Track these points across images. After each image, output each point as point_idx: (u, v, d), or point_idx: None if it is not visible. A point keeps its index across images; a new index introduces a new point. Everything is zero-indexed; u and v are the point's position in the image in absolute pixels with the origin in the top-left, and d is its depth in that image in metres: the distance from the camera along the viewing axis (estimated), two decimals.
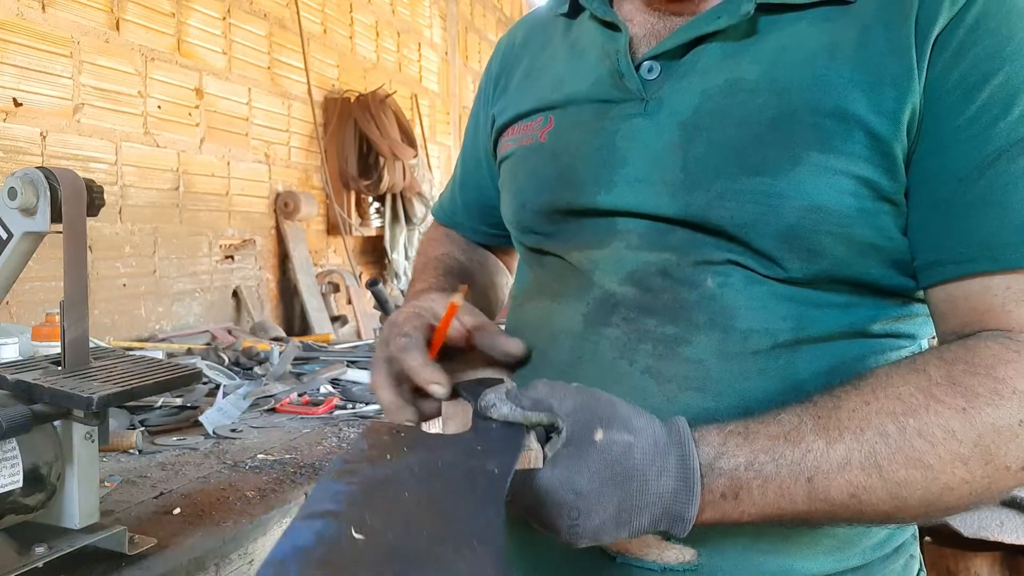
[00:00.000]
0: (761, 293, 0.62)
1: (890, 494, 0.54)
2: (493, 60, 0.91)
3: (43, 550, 0.74)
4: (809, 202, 0.59)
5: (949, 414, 0.53)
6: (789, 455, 0.54)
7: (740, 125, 0.62)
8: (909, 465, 0.53)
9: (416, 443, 0.52)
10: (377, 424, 0.56)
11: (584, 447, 0.52)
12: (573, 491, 0.51)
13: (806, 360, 0.63)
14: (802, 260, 0.61)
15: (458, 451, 0.51)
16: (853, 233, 0.60)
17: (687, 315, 0.63)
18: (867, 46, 0.60)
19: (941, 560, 1.79)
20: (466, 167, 0.95)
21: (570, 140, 0.71)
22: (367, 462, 0.48)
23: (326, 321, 3.69)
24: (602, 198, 0.67)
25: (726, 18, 0.64)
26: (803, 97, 0.60)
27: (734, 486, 0.54)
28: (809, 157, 0.59)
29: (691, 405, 0.62)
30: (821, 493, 0.54)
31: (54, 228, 0.77)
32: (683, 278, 0.64)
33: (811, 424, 0.55)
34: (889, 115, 0.58)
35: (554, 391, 0.55)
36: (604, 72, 0.71)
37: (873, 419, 0.54)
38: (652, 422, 0.55)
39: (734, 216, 0.61)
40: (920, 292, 0.65)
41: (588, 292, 0.68)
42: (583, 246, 0.70)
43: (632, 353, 0.65)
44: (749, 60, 0.64)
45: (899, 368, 0.57)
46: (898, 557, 0.69)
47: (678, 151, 0.64)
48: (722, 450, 0.54)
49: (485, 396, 0.56)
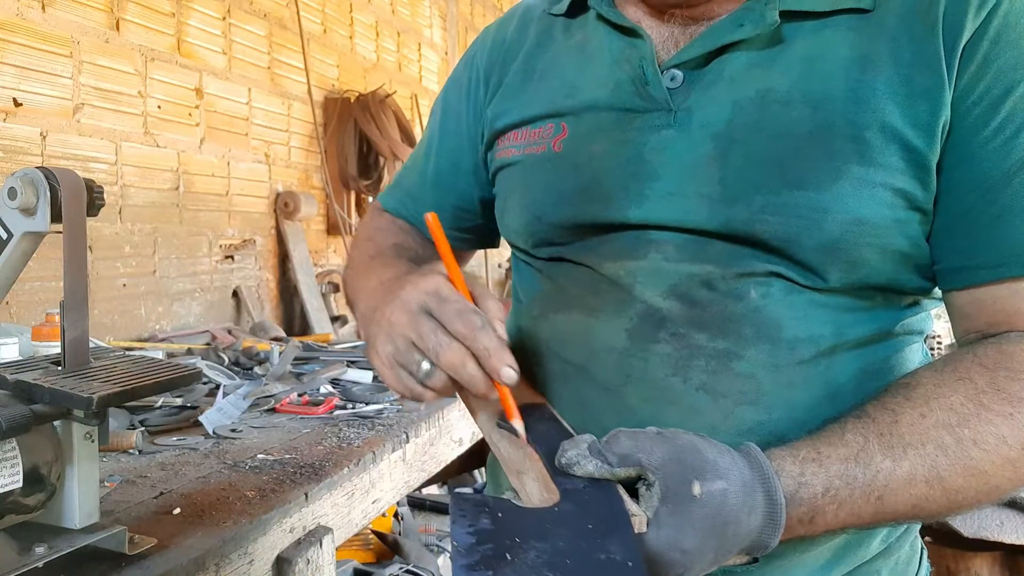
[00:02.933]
0: (801, 302, 0.63)
1: (948, 501, 0.56)
2: (479, 52, 0.86)
3: (43, 550, 0.74)
4: (851, 216, 0.60)
5: (999, 421, 0.56)
6: (861, 477, 0.55)
7: (777, 138, 0.62)
8: (967, 474, 0.55)
9: (520, 527, 0.48)
10: (462, 499, 0.50)
11: (684, 504, 0.50)
12: (680, 550, 0.50)
13: (842, 365, 0.64)
14: (841, 271, 0.62)
15: (570, 534, 0.48)
16: (889, 243, 0.61)
17: (736, 328, 0.63)
18: (897, 59, 0.61)
19: (941, 560, 1.79)
20: (440, 165, 0.89)
21: (592, 151, 0.69)
22: (488, 567, 0.44)
23: (326, 321, 3.69)
24: (633, 212, 0.66)
25: (751, 27, 0.63)
26: (840, 109, 0.61)
27: (811, 512, 0.55)
28: (850, 170, 0.60)
29: (746, 419, 0.63)
30: (888, 508, 0.56)
31: (54, 228, 0.77)
32: (728, 291, 0.64)
33: (876, 443, 0.56)
34: (924, 128, 0.60)
35: (638, 442, 0.53)
36: (624, 79, 0.69)
37: (931, 432, 0.56)
38: (735, 459, 0.54)
39: (777, 230, 0.61)
40: (933, 291, 0.67)
41: (629, 307, 0.67)
42: (616, 256, 0.68)
43: (685, 370, 0.64)
44: (779, 70, 0.63)
45: (943, 377, 0.59)
46: (907, 537, 0.73)
47: (714, 164, 0.63)
48: (801, 480, 0.55)
49: (566, 452, 0.54)
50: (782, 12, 0.63)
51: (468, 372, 0.57)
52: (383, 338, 0.61)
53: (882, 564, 0.70)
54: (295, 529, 1.07)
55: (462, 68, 0.89)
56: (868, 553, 0.69)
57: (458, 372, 0.57)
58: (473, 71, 0.86)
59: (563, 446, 0.54)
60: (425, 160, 0.92)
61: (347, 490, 1.22)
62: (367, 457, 1.28)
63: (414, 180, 0.93)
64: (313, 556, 1.07)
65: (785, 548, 0.64)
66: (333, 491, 1.18)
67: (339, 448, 1.31)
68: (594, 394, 0.68)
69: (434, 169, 0.90)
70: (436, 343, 0.58)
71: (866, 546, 0.68)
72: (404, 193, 0.94)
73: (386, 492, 1.36)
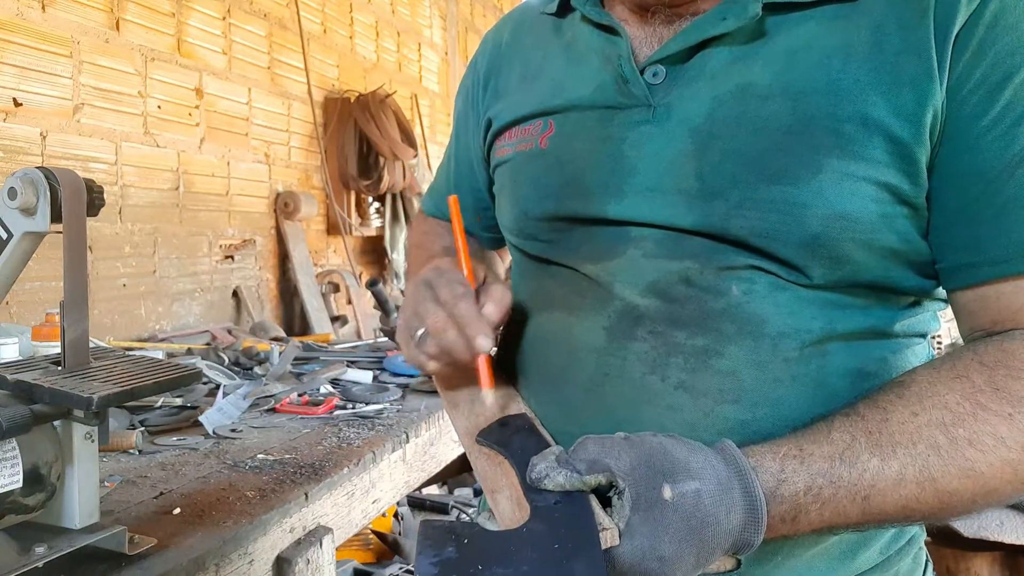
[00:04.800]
0: (787, 298, 0.62)
1: (941, 503, 0.54)
2: (480, 57, 0.88)
3: (43, 550, 0.74)
4: (833, 210, 0.58)
5: (996, 421, 0.53)
6: (846, 476, 0.53)
7: (756, 132, 0.61)
8: (961, 475, 0.53)
9: (486, 552, 0.48)
10: (429, 528, 0.50)
11: (656, 509, 0.50)
12: (657, 559, 0.49)
13: (834, 364, 0.62)
14: (825, 267, 0.60)
15: (536, 556, 0.47)
16: (875, 239, 0.59)
17: (716, 325, 0.62)
18: (882, 46, 0.59)
19: (941, 560, 1.79)
20: (459, 168, 0.93)
21: (574, 147, 0.69)
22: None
23: (326, 321, 3.69)
24: (612, 208, 0.66)
25: (733, 20, 0.62)
26: (820, 102, 0.59)
27: (793, 511, 0.53)
28: (830, 164, 0.58)
29: (728, 418, 0.61)
30: (875, 509, 0.54)
31: (54, 228, 0.77)
32: (707, 286, 0.62)
33: (864, 441, 0.54)
34: (909, 118, 0.57)
35: (604, 447, 0.53)
36: (607, 78, 0.69)
37: (924, 431, 0.54)
38: (708, 456, 0.53)
39: (756, 226, 0.60)
40: (935, 292, 0.65)
41: (608, 304, 0.66)
42: (596, 256, 0.68)
43: (663, 368, 0.63)
44: (760, 64, 0.62)
45: (940, 374, 0.57)
46: (910, 549, 0.71)
47: (691, 159, 0.62)
48: (781, 477, 0.53)
49: (535, 467, 0.53)
50: (766, 5, 0.62)
51: (449, 337, 0.63)
52: (401, 312, 0.69)
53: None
54: (295, 529, 1.07)
55: (467, 74, 0.91)
56: (866, 564, 0.66)
57: (440, 337, 0.64)
58: (475, 76, 0.88)
59: (532, 461, 0.54)
60: (447, 163, 0.97)
61: (347, 490, 1.22)
62: (367, 457, 1.28)
63: (442, 182, 0.98)
64: (313, 556, 1.07)
65: (775, 560, 0.63)
66: (333, 491, 1.18)
67: (339, 448, 1.31)
68: (575, 394, 0.67)
69: (455, 171, 0.94)
70: (425, 310, 0.65)
71: (862, 557, 0.66)
72: (438, 196, 0.99)
73: (386, 492, 1.36)
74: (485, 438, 0.63)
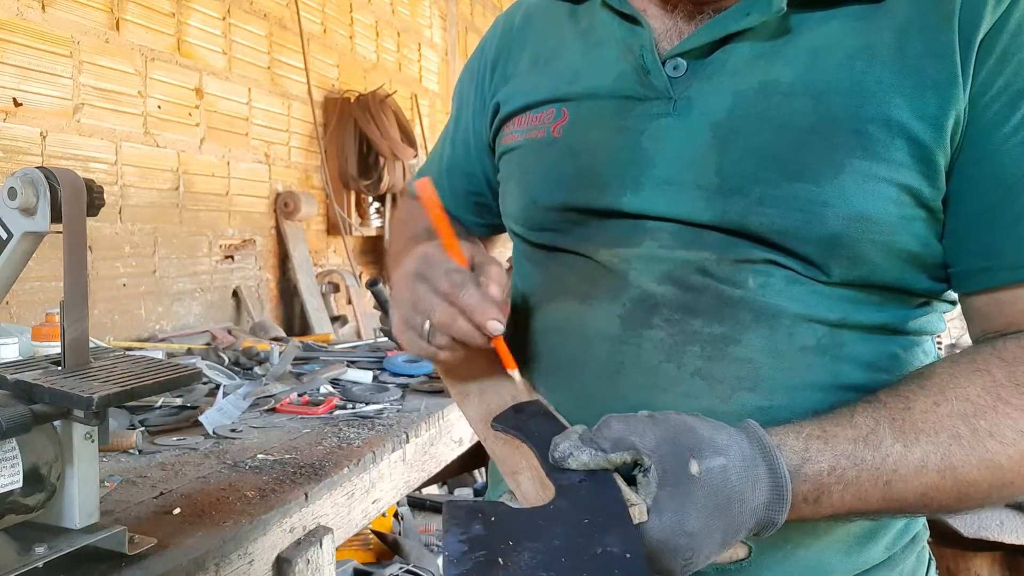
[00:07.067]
0: (802, 292, 0.62)
1: (959, 493, 0.55)
2: (489, 41, 0.87)
3: (43, 550, 0.74)
4: (854, 210, 0.58)
5: (1017, 415, 0.54)
6: (870, 459, 0.54)
7: (778, 130, 0.61)
8: (982, 466, 0.54)
9: (514, 529, 0.47)
10: (454, 506, 0.49)
11: (684, 485, 0.49)
12: (685, 534, 0.49)
13: (849, 355, 0.63)
14: (843, 267, 0.60)
15: (565, 531, 0.46)
16: (894, 241, 0.60)
17: (733, 313, 0.62)
18: (905, 50, 0.59)
19: (941, 560, 1.79)
20: (455, 151, 0.91)
21: (590, 137, 0.68)
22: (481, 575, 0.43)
23: (326, 321, 3.69)
24: (628, 200, 0.65)
25: (756, 15, 0.62)
26: (843, 102, 0.59)
27: (816, 491, 0.54)
28: (852, 164, 0.58)
29: (745, 405, 0.62)
30: (896, 495, 0.54)
31: (54, 228, 0.77)
32: (723, 276, 0.62)
33: (888, 427, 0.55)
34: (932, 121, 0.58)
35: (629, 425, 0.52)
36: (627, 67, 0.68)
37: (945, 421, 0.54)
38: (733, 435, 0.53)
39: (775, 223, 0.60)
40: (944, 294, 0.65)
41: (623, 293, 0.66)
42: (611, 244, 0.67)
43: (680, 356, 0.63)
44: (783, 62, 0.62)
45: (960, 368, 0.58)
46: (914, 547, 0.71)
47: (711, 154, 0.62)
48: (805, 456, 0.54)
49: (558, 446, 0.53)
50: (792, 0, 0.62)
51: (459, 328, 0.61)
52: (394, 307, 0.66)
53: (885, 575, 0.68)
54: (295, 529, 1.07)
55: (474, 58, 0.90)
56: (872, 559, 0.67)
57: (451, 330, 0.61)
58: (482, 60, 0.87)
59: (554, 440, 0.54)
60: (442, 147, 0.95)
61: (347, 490, 1.22)
62: (367, 457, 1.28)
63: (433, 167, 0.96)
64: (313, 556, 1.07)
65: (786, 548, 0.63)
66: (333, 491, 1.18)
67: (339, 448, 1.31)
68: (588, 382, 0.67)
69: (449, 156, 0.93)
70: (428, 305, 0.62)
71: (868, 552, 0.67)
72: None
73: (386, 492, 1.36)
74: (501, 423, 0.62)
